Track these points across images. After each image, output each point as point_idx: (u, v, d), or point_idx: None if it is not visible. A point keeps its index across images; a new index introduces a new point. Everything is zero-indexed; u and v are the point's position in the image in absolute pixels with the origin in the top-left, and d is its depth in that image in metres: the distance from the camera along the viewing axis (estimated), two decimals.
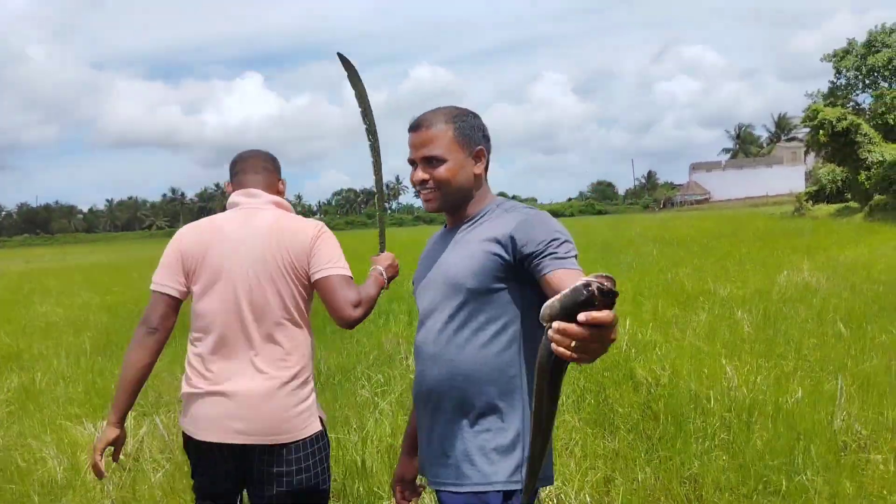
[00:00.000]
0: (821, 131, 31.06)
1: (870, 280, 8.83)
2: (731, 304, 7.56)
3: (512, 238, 1.58)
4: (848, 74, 39.99)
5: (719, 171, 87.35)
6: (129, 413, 2.23)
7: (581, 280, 0.92)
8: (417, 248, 2.16)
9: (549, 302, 0.95)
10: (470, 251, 1.66)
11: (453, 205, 1.75)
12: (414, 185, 1.75)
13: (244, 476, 2.14)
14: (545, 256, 1.49)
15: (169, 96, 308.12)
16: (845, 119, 30.66)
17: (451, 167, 1.70)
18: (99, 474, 2.13)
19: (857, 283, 8.58)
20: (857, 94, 39.75)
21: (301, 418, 2.09)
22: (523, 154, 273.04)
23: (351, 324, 2.09)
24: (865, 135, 30.62)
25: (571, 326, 0.92)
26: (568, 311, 0.92)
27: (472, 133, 1.72)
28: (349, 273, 2.12)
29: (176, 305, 2.15)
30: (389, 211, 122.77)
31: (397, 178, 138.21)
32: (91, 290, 14.85)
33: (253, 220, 2.15)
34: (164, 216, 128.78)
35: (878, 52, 36.22)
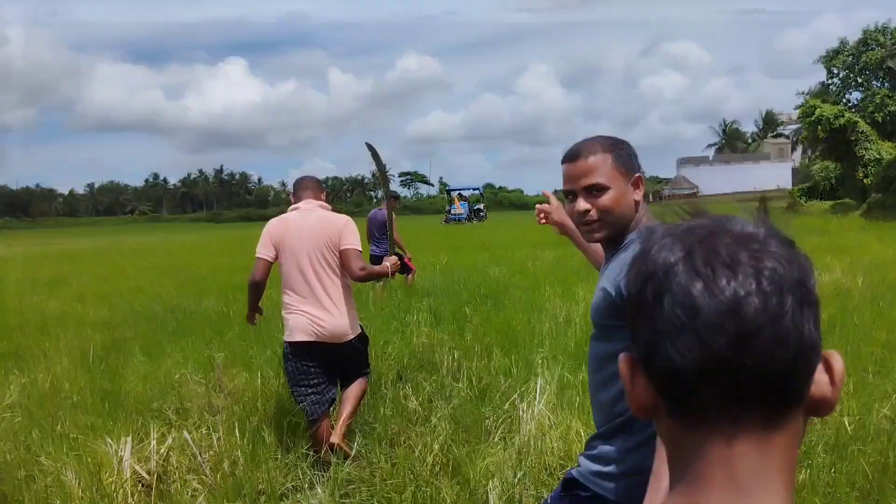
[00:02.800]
0: (819, 127, 30.95)
1: None
2: None
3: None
4: (840, 73, 39.91)
5: (707, 166, 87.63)
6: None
7: None
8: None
9: None
10: (601, 285, 1.71)
11: (616, 233, 1.72)
12: (572, 216, 1.79)
13: (325, 360, 3.84)
14: None
15: (151, 80, 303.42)
16: (842, 116, 30.57)
17: (614, 195, 1.68)
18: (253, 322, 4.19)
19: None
20: (850, 93, 39.66)
21: (351, 328, 3.83)
22: (509, 146, 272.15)
23: (355, 279, 3.83)
24: (862, 132, 30.57)
25: None
26: None
27: (629, 161, 1.72)
28: (360, 248, 3.77)
29: (269, 267, 3.80)
30: (375, 200, 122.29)
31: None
32: (85, 279, 14.26)
33: (309, 216, 3.77)
34: (146, 201, 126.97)
35: (871, 50, 36.07)
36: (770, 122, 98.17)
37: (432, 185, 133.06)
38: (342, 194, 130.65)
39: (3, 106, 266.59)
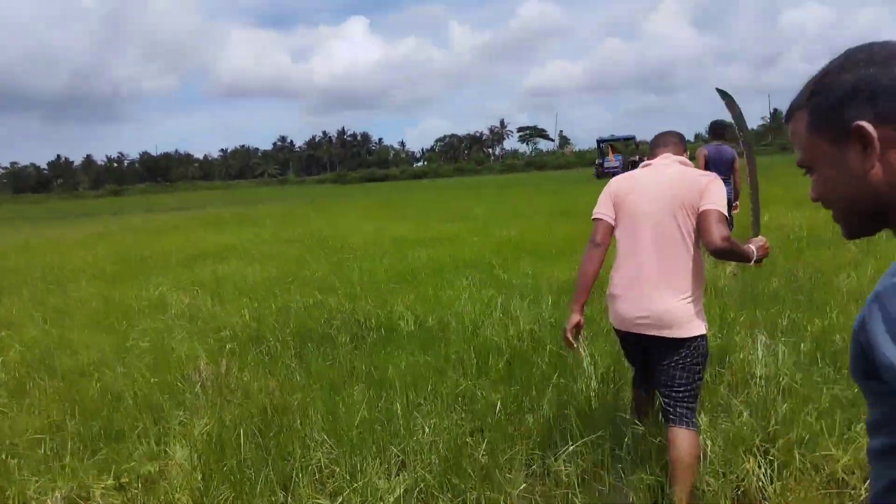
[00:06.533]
0: None
1: None
2: None
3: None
4: None
5: None
6: None
7: None
8: None
9: None
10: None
11: (859, 228, 1.01)
12: None
13: (645, 354, 3.00)
14: None
15: (279, 44, 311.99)
16: None
17: (818, 178, 1.01)
18: (570, 344, 2.99)
19: None
20: None
21: (692, 321, 2.79)
22: (633, 95, 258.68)
23: (714, 250, 2.72)
24: None
25: None
26: None
27: (834, 105, 0.94)
28: (726, 213, 2.77)
29: (610, 230, 2.97)
30: (494, 158, 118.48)
31: (501, 122, 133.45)
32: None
33: (663, 171, 2.94)
34: (274, 164, 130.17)
35: None
36: None
37: (552, 140, 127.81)
38: (460, 151, 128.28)
39: (145, 74, 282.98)
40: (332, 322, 5.85)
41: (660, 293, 2.78)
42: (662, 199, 2.83)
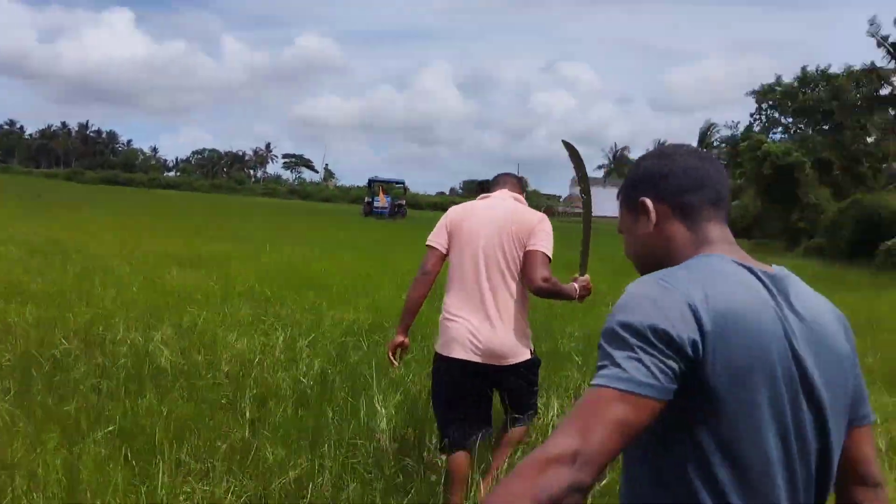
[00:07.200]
0: (766, 163, 30.08)
1: None
2: None
3: None
4: (768, 112, 40.14)
5: (600, 188, 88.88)
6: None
7: None
8: None
9: None
10: None
11: None
12: None
13: (483, 386, 3.05)
14: None
15: (24, 18, 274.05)
16: (790, 155, 29.82)
17: (625, 240, 1.29)
18: (392, 363, 3.19)
19: None
20: (775, 133, 39.83)
21: (518, 349, 2.97)
22: (399, 141, 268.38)
23: (535, 289, 2.91)
24: (806, 174, 29.97)
25: None
26: None
27: (631, 185, 1.26)
28: (550, 255, 2.98)
29: (441, 259, 3.11)
30: (255, 181, 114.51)
31: (267, 146, 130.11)
32: None
33: (498, 205, 3.10)
34: None
35: (810, 92, 36.13)
36: None
37: (317, 172, 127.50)
38: (219, 168, 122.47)
39: None
40: (66, 348, 4.72)
41: (490, 322, 2.92)
42: (494, 228, 3.00)
